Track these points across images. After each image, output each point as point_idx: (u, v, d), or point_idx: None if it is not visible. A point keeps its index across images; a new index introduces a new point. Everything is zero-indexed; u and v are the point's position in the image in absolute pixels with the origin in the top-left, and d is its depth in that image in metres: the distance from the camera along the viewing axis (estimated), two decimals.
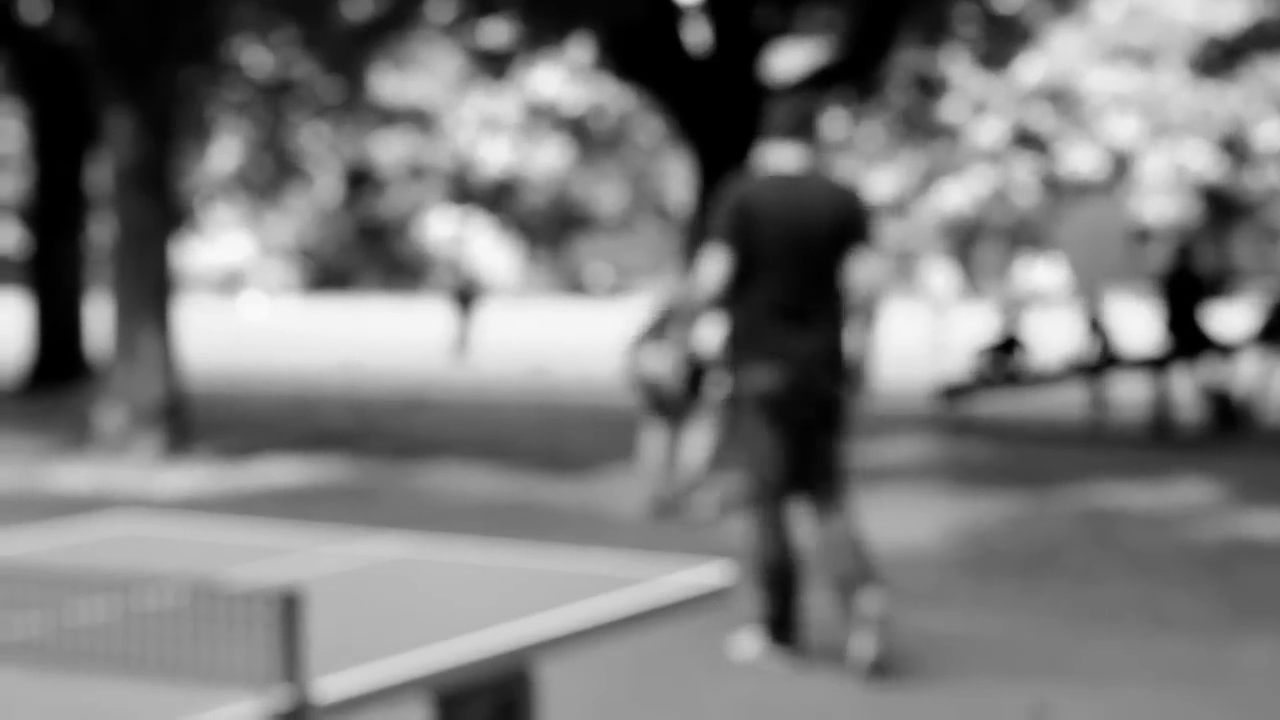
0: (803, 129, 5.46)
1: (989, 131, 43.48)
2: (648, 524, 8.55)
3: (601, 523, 8.50)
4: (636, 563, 3.32)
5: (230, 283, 53.58)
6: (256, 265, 54.09)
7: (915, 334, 29.87)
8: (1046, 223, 46.59)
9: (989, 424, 13.75)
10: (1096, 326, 14.59)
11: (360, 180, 48.16)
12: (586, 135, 41.53)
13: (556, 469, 10.70)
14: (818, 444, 5.44)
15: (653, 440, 8.96)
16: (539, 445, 12.20)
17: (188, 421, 11.71)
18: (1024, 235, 46.50)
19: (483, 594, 3.09)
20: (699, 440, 8.75)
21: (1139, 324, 20.60)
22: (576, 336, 31.06)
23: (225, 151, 32.63)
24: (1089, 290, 16.95)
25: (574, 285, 54.84)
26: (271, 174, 32.09)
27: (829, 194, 5.40)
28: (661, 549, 7.12)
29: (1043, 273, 37.66)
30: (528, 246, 53.84)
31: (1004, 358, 14.97)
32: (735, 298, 5.42)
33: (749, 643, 5.56)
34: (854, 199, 5.41)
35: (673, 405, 8.75)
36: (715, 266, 5.40)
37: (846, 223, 5.36)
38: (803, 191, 5.39)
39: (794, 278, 5.35)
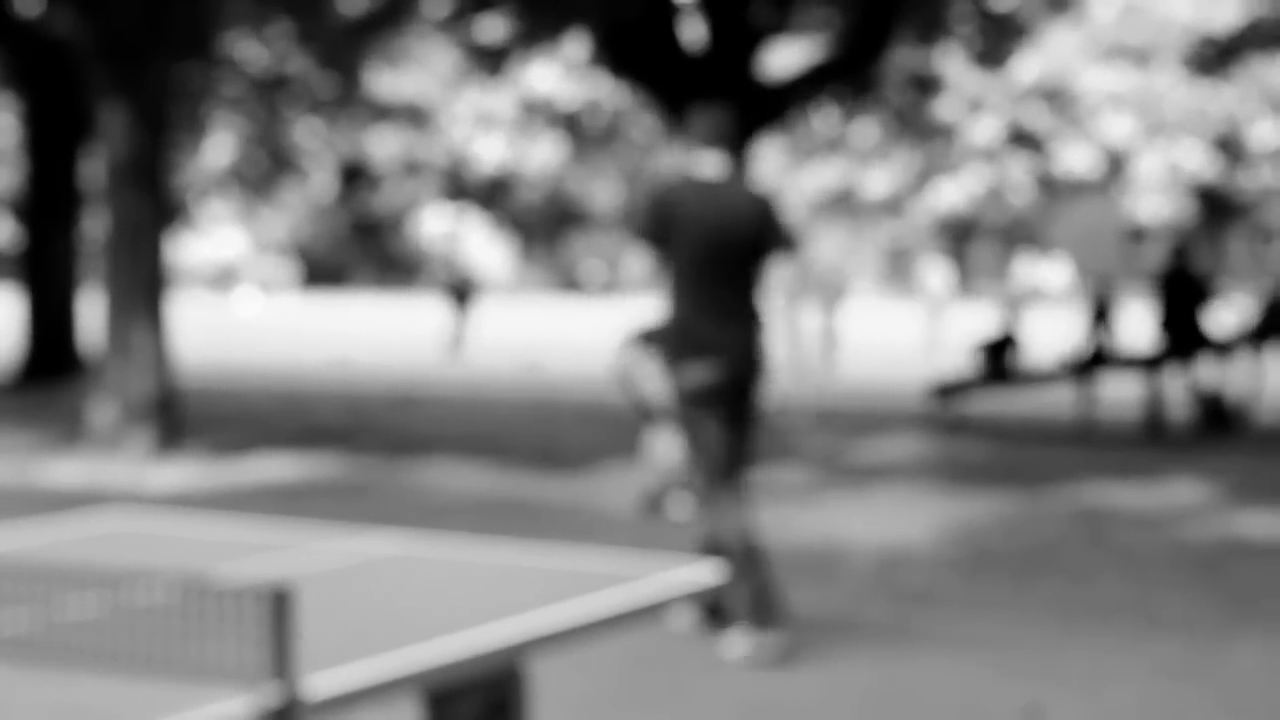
0: (723, 138, 5.75)
1: (984, 130, 43.49)
2: (640, 521, 8.54)
3: (595, 520, 8.50)
4: (629, 560, 3.31)
5: (224, 278, 53.53)
6: (250, 261, 54.04)
7: (911, 332, 29.89)
8: (1042, 221, 46.64)
9: (983, 423, 13.76)
10: (1103, 316, 14.57)
11: (355, 176, 48.13)
12: (581, 132, 41.50)
13: (550, 466, 10.69)
14: (744, 435, 5.69)
15: (650, 437, 8.96)
16: (533, 442, 12.19)
17: (180, 417, 11.69)
18: (1019, 234, 46.52)
19: (474, 591, 3.09)
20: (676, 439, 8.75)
21: (1134, 323, 20.62)
22: (571, 333, 31.05)
23: (219, 146, 32.58)
24: (1100, 280, 16.92)
25: (568, 282, 54.82)
26: (266, 169, 32.03)
27: (747, 200, 5.68)
28: (654, 546, 7.12)
29: (1042, 270, 37.66)
30: (522, 243, 53.82)
31: (999, 356, 14.97)
32: (664, 297, 5.67)
33: (740, 639, 5.57)
34: (770, 206, 5.69)
35: (658, 411, 8.74)
36: (638, 263, 5.72)
37: (764, 228, 5.64)
38: (723, 197, 5.66)
39: (717, 278, 5.61)
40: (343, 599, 2.97)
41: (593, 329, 30.72)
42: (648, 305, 5.74)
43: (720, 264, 5.59)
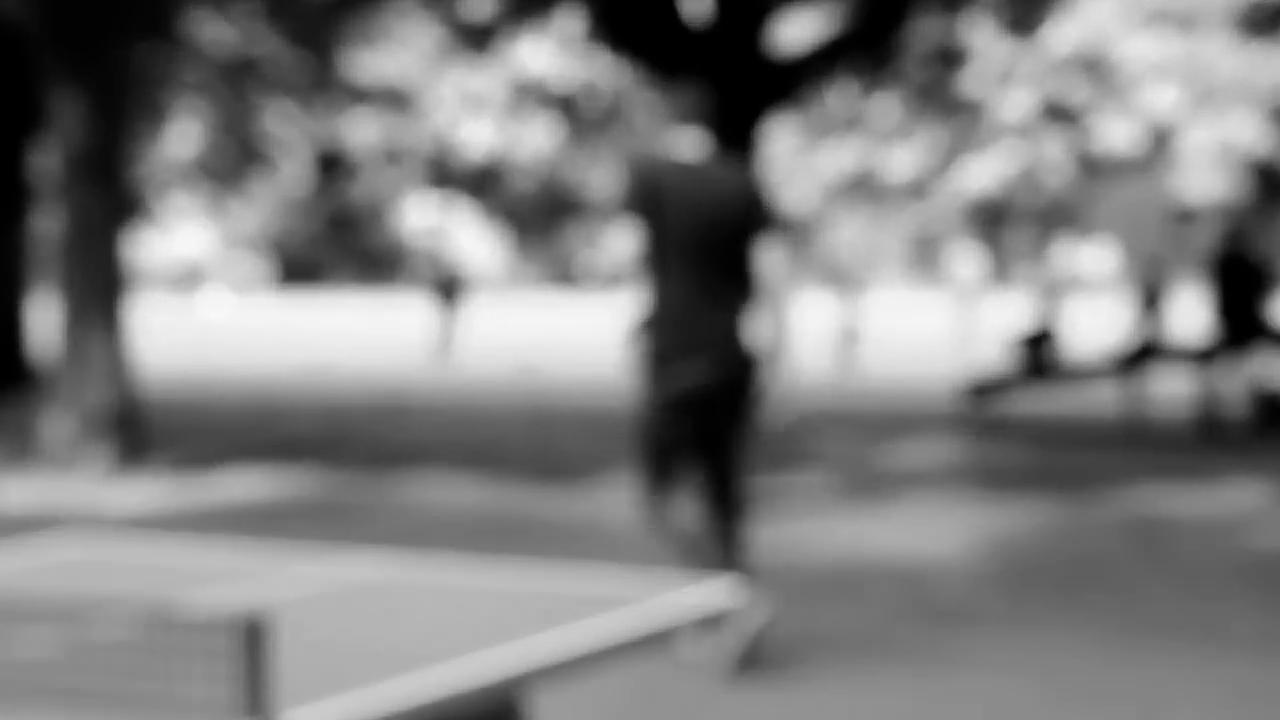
0: (699, 116, 5.87)
1: (1016, 105, 43.51)
2: (648, 536, 8.53)
3: (598, 536, 8.49)
4: (635, 581, 3.30)
5: (189, 278, 53.66)
6: (218, 259, 54.16)
7: (940, 325, 29.92)
8: (1081, 202, 46.68)
9: (1022, 424, 13.75)
10: (1152, 304, 14.56)
11: (331, 165, 48.20)
12: (577, 114, 41.56)
13: (548, 477, 10.70)
14: (735, 436, 5.79)
15: None
16: (529, 452, 12.20)
17: (142, 431, 11.70)
18: (1057, 216, 46.56)
19: (468, 618, 3.07)
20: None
21: (1186, 312, 20.61)
22: (568, 332, 31.10)
23: (183, 136, 32.67)
24: (1148, 265, 16.94)
25: (565, 277, 54.93)
26: (234, 160, 32.15)
27: (732, 180, 5.81)
28: (663, 565, 7.10)
29: (1082, 256, 37.75)
30: (515, 235, 53.94)
31: (1038, 351, 14.97)
32: (649, 282, 5.77)
33: (693, 644, 5.70)
34: (755, 185, 5.82)
35: None
36: (630, 241, 5.81)
37: (750, 208, 5.77)
38: (707, 177, 5.79)
39: (704, 263, 5.72)
40: (322, 628, 2.95)
41: (592, 327, 30.76)
42: (643, 295, 5.76)
43: (708, 249, 5.69)
